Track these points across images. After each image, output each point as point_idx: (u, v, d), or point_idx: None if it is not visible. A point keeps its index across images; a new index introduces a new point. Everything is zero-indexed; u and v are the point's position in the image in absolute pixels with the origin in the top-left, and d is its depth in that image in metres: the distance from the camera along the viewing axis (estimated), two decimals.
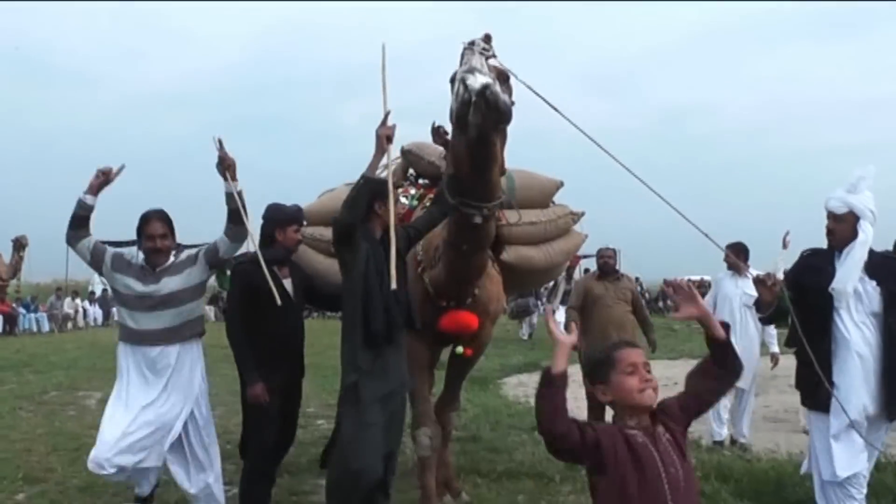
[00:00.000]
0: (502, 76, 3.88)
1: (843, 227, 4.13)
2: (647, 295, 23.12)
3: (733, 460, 6.16)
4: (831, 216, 4.17)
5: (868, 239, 4.09)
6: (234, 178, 4.36)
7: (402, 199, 5.28)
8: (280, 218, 4.67)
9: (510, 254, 5.21)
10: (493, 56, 3.86)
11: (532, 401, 2.57)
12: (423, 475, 4.75)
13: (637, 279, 18.31)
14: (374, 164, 4.01)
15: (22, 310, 22.18)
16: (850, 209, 4.10)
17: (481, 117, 3.67)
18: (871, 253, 4.13)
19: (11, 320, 21.18)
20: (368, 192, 4.01)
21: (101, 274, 4.45)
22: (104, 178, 4.31)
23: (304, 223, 5.20)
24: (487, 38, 3.88)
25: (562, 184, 5.61)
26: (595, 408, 6.02)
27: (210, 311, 30.54)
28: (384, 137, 4.00)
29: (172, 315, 4.34)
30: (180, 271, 4.38)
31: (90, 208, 4.33)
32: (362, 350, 3.97)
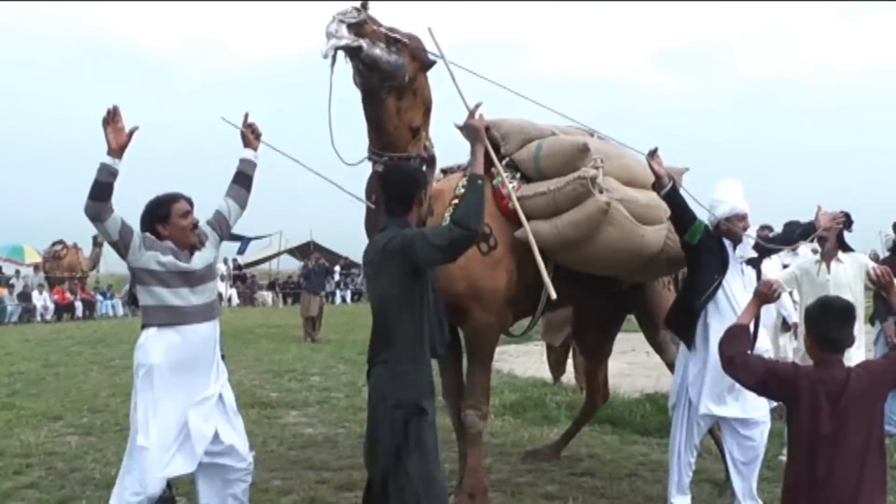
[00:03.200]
0: (389, 39, 4.25)
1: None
2: None
3: None
4: (745, 217, 4.89)
5: None
6: (255, 147, 4.29)
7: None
8: (426, 180, 4.36)
9: (520, 230, 4.63)
10: (363, 21, 4.08)
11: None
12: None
13: None
14: (481, 158, 3.56)
15: (99, 297, 25.11)
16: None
17: (361, 78, 4.19)
18: None
19: (90, 306, 24.10)
20: (408, 181, 3.65)
21: (124, 254, 3.92)
22: (123, 134, 3.79)
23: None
24: (363, 6, 4.16)
25: (584, 146, 4.92)
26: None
27: (268, 295, 33.30)
28: (482, 128, 3.65)
29: (210, 290, 4.06)
30: (203, 247, 4.06)
31: (117, 173, 3.79)
32: (427, 367, 3.54)
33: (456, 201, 4.71)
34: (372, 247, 3.59)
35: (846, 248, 5.94)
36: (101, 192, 3.73)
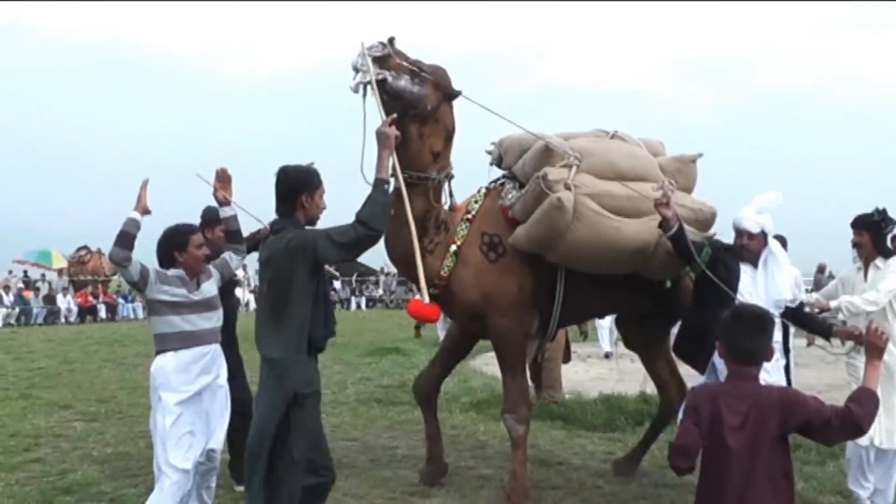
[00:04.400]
0: (413, 72, 4.61)
1: (755, 243, 4.75)
2: None
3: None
4: (745, 234, 4.74)
5: (781, 254, 4.82)
6: (229, 202, 4.66)
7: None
8: (210, 218, 5.13)
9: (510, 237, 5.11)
10: (388, 55, 4.49)
11: None
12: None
13: None
14: (386, 164, 3.81)
15: (121, 300, 26.18)
16: (761, 229, 4.71)
17: (386, 106, 4.40)
18: None
19: (113, 309, 25.20)
20: (291, 183, 3.82)
21: (143, 290, 4.34)
22: (147, 198, 4.38)
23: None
24: (391, 41, 4.56)
25: (545, 147, 5.11)
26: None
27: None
28: (391, 136, 3.89)
29: (216, 317, 4.48)
30: (210, 278, 4.50)
31: (140, 226, 4.30)
32: (312, 360, 3.83)
33: (468, 215, 5.16)
34: (270, 246, 3.77)
35: (888, 253, 5.15)
36: (128, 241, 4.23)
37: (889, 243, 5.16)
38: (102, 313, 24.68)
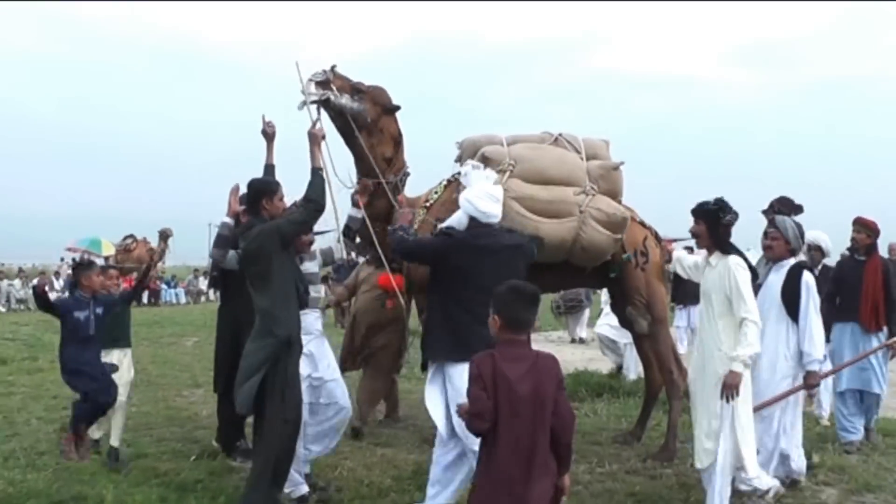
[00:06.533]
0: (353, 89, 5.39)
1: None
2: None
3: None
4: None
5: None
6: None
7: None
8: (273, 189, 4.92)
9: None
10: (328, 80, 5.22)
11: None
12: None
13: None
14: (318, 156, 4.60)
15: (164, 286, 27.55)
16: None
17: (335, 122, 5.34)
18: None
19: (156, 294, 26.57)
20: (253, 192, 4.79)
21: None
22: (237, 202, 5.05)
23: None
24: (332, 68, 5.32)
25: (482, 155, 5.72)
26: None
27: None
28: (318, 135, 4.69)
29: None
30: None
31: (233, 228, 4.93)
32: (297, 310, 4.58)
33: (426, 204, 5.91)
34: (248, 237, 4.58)
35: (727, 250, 4.72)
36: (223, 242, 4.95)
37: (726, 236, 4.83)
38: (146, 298, 26.03)
